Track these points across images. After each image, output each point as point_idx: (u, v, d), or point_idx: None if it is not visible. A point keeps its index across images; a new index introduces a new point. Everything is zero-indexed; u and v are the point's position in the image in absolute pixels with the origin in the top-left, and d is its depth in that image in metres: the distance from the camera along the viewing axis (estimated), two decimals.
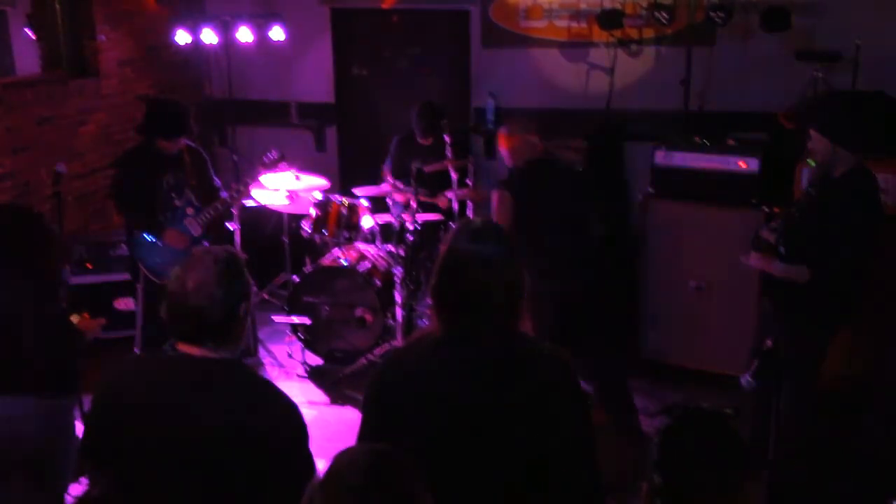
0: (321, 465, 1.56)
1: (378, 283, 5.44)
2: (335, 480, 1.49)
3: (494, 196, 4.56)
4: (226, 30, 6.46)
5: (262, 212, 6.10)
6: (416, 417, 2.01)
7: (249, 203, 5.70)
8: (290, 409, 2.18)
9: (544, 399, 1.97)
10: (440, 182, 5.87)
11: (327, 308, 5.46)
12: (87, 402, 4.18)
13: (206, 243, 4.98)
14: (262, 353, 5.73)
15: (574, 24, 6.42)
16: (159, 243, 4.90)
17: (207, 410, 2.11)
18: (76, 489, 3.93)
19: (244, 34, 6.46)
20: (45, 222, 3.41)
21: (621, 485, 2.70)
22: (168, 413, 2.12)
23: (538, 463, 1.96)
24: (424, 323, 5.55)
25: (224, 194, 5.10)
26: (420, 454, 1.83)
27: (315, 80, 7.14)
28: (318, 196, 5.61)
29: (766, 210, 4.85)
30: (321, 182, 5.81)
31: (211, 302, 2.11)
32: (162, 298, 2.19)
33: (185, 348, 2.17)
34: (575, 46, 6.46)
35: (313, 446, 2.19)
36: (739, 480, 1.67)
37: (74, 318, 3.47)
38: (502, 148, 4.70)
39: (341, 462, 1.52)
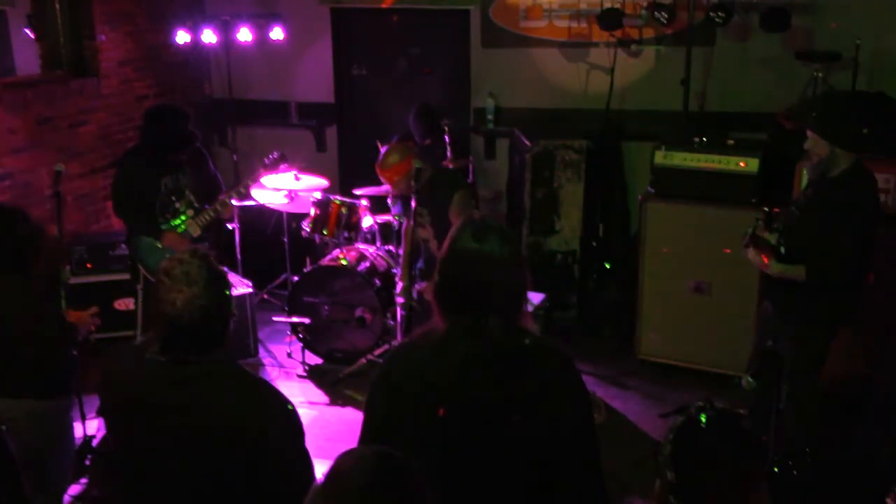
0: (321, 466, 1.56)
1: (378, 282, 5.44)
2: (338, 482, 1.48)
3: None
4: (226, 30, 6.47)
5: (262, 212, 6.11)
6: (420, 415, 2.01)
7: (249, 203, 5.70)
8: (286, 409, 2.18)
9: (547, 395, 1.97)
10: None
11: (327, 308, 5.47)
12: (87, 401, 4.20)
13: (206, 244, 4.99)
14: (262, 353, 5.72)
15: (574, 24, 6.42)
16: (159, 245, 4.90)
17: (204, 412, 2.11)
18: (76, 489, 3.94)
19: (244, 34, 6.48)
20: (33, 222, 3.40)
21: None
22: (165, 415, 2.12)
23: (542, 459, 1.97)
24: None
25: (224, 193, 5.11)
26: (424, 452, 1.83)
27: (315, 80, 7.14)
28: (318, 196, 5.61)
29: (766, 210, 4.85)
30: (321, 182, 5.81)
31: (204, 316, 2.11)
32: (154, 318, 2.17)
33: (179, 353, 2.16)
34: (575, 46, 6.46)
35: (313, 446, 2.19)
36: (757, 480, 1.67)
37: (67, 314, 3.47)
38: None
39: (344, 464, 1.51)
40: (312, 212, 5.55)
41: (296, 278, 5.62)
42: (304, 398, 5.13)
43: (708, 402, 1.77)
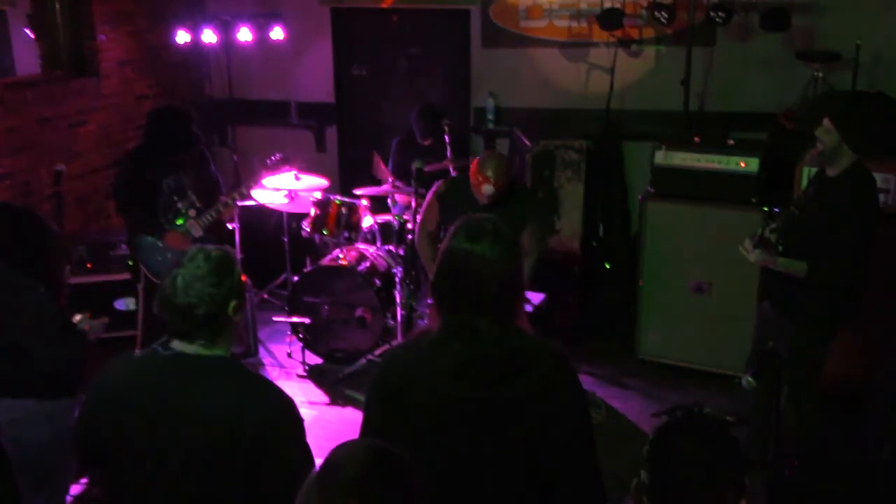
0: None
1: (378, 282, 5.44)
2: (332, 474, 1.49)
3: None
4: (226, 30, 6.47)
5: (262, 212, 6.11)
6: (418, 415, 2.02)
7: (249, 203, 5.71)
8: (285, 404, 2.19)
9: (543, 395, 1.97)
10: None
11: (327, 308, 5.47)
12: None
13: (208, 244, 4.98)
14: (262, 353, 5.72)
15: (574, 24, 6.42)
16: (160, 244, 4.90)
17: (202, 408, 2.12)
18: (76, 489, 3.94)
19: (244, 34, 6.48)
20: (46, 223, 3.41)
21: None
22: (162, 411, 2.13)
23: (539, 458, 1.97)
24: (424, 323, 5.56)
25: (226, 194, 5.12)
26: (422, 452, 1.83)
27: (315, 80, 7.14)
28: (318, 196, 5.61)
29: (766, 210, 4.85)
30: (321, 182, 5.81)
31: (198, 299, 2.13)
32: (155, 294, 2.22)
33: (179, 346, 2.19)
34: (575, 46, 6.45)
35: (313, 446, 2.19)
36: (730, 490, 1.66)
37: (76, 318, 3.47)
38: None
39: (338, 456, 1.53)
40: (312, 212, 5.56)
41: (296, 278, 5.62)
42: (304, 398, 5.13)
43: (697, 406, 1.77)
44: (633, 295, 5.47)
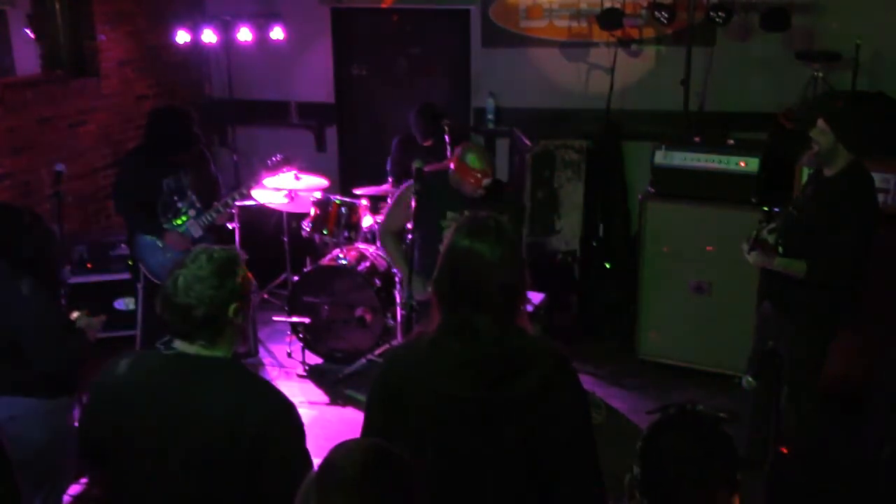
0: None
1: (378, 282, 5.44)
2: (330, 474, 1.49)
3: None
4: (226, 30, 6.48)
5: (262, 211, 6.11)
6: (418, 415, 2.02)
7: (249, 203, 5.70)
8: (284, 405, 2.19)
9: (543, 395, 1.97)
10: None
11: (327, 308, 5.47)
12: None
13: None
14: (262, 352, 5.72)
15: (574, 24, 6.42)
16: (160, 244, 4.90)
17: (202, 408, 2.12)
18: (76, 489, 3.94)
19: (244, 34, 6.48)
20: (44, 223, 3.41)
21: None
22: (162, 411, 2.13)
23: (539, 459, 1.97)
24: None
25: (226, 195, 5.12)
26: (422, 453, 1.83)
27: (315, 80, 7.14)
28: (318, 196, 5.61)
29: (766, 210, 4.85)
30: (321, 182, 5.81)
31: (198, 300, 2.13)
32: (155, 294, 2.22)
33: (180, 345, 2.19)
34: (575, 46, 6.46)
35: (313, 446, 2.19)
36: (720, 486, 1.66)
37: (74, 316, 3.47)
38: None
39: (336, 456, 1.53)
40: (312, 212, 5.56)
41: (296, 278, 5.62)
42: (304, 398, 5.13)
43: (689, 403, 1.77)
44: (633, 295, 5.47)
